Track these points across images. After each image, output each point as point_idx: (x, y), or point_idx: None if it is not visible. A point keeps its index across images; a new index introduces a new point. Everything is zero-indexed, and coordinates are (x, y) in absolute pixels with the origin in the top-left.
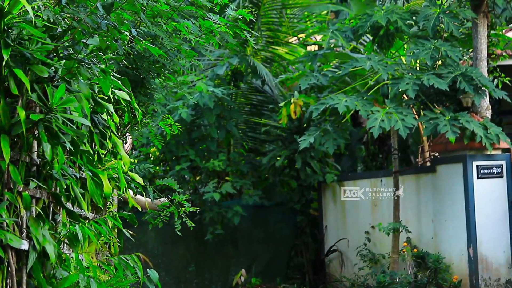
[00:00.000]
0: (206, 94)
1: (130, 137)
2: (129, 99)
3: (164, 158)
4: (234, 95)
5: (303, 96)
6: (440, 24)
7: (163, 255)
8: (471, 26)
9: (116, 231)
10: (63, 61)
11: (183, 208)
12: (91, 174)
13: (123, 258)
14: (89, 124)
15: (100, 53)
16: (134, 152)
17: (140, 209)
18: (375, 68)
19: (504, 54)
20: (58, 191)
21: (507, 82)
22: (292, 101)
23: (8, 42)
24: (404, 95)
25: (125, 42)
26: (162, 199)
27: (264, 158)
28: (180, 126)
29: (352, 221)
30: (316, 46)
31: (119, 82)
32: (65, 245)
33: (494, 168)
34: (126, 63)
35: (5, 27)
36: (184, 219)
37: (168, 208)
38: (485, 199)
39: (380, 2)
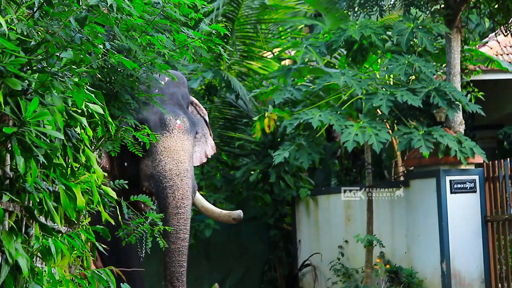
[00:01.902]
0: None
1: (212, 143)
2: (102, 112)
3: None
4: (208, 109)
5: (277, 110)
6: (414, 39)
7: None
8: (444, 41)
9: (89, 244)
10: (37, 74)
11: (158, 227)
12: (64, 188)
13: (96, 272)
14: (63, 138)
15: (73, 67)
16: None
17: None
18: (348, 83)
19: (477, 69)
20: (31, 205)
21: (480, 96)
22: (266, 115)
23: None
24: (378, 110)
25: (99, 55)
26: (234, 212)
27: (237, 172)
28: (158, 135)
29: (325, 235)
30: (291, 60)
31: (93, 95)
32: (38, 258)
33: (467, 183)
34: (100, 76)
35: None
36: (157, 239)
37: (142, 226)
38: (458, 214)
39: (354, 17)
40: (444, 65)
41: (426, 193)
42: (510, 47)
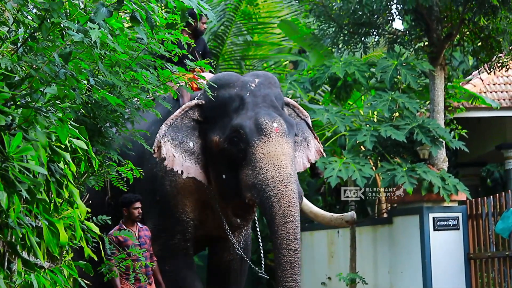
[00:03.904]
0: None
1: (317, 146)
2: (86, 148)
3: None
4: None
5: None
6: (398, 76)
7: None
8: (428, 79)
9: (72, 280)
10: (21, 110)
11: (139, 263)
12: (47, 223)
13: None
14: (46, 173)
15: (57, 102)
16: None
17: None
18: (332, 121)
19: (461, 106)
20: (13, 240)
21: (464, 134)
22: None
23: None
24: (362, 146)
25: (83, 91)
26: (346, 214)
27: None
28: (141, 170)
29: (308, 272)
30: None
31: (77, 131)
32: None
33: (450, 220)
34: (83, 112)
35: None
36: (139, 274)
37: (125, 261)
38: (442, 251)
39: (338, 54)
40: (427, 102)
41: (409, 230)
42: (494, 85)
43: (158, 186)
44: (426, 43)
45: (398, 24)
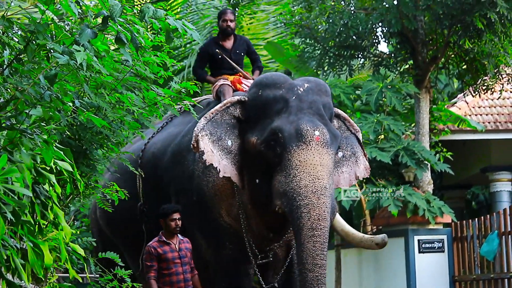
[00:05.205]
0: None
1: (366, 164)
2: (71, 170)
3: None
4: None
5: None
6: (383, 99)
7: None
8: (413, 101)
9: None
10: (6, 131)
11: (126, 284)
12: (32, 245)
13: None
14: (31, 195)
15: (43, 124)
16: (76, 223)
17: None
18: None
19: (446, 129)
20: None
21: (449, 156)
22: None
23: None
24: None
25: (68, 113)
26: (377, 236)
27: None
28: (126, 192)
29: None
30: None
31: (62, 152)
32: None
33: (435, 242)
34: (69, 133)
35: None
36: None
37: (111, 283)
38: (427, 274)
39: (324, 76)
40: (413, 125)
41: (394, 252)
42: (479, 107)
43: (195, 185)
44: (412, 65)
45: (383, 47)
